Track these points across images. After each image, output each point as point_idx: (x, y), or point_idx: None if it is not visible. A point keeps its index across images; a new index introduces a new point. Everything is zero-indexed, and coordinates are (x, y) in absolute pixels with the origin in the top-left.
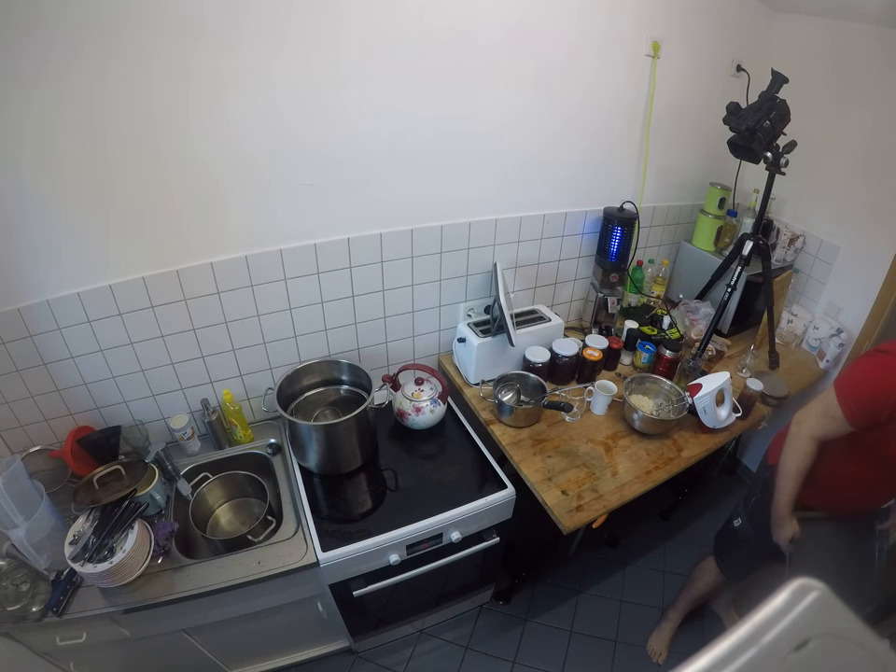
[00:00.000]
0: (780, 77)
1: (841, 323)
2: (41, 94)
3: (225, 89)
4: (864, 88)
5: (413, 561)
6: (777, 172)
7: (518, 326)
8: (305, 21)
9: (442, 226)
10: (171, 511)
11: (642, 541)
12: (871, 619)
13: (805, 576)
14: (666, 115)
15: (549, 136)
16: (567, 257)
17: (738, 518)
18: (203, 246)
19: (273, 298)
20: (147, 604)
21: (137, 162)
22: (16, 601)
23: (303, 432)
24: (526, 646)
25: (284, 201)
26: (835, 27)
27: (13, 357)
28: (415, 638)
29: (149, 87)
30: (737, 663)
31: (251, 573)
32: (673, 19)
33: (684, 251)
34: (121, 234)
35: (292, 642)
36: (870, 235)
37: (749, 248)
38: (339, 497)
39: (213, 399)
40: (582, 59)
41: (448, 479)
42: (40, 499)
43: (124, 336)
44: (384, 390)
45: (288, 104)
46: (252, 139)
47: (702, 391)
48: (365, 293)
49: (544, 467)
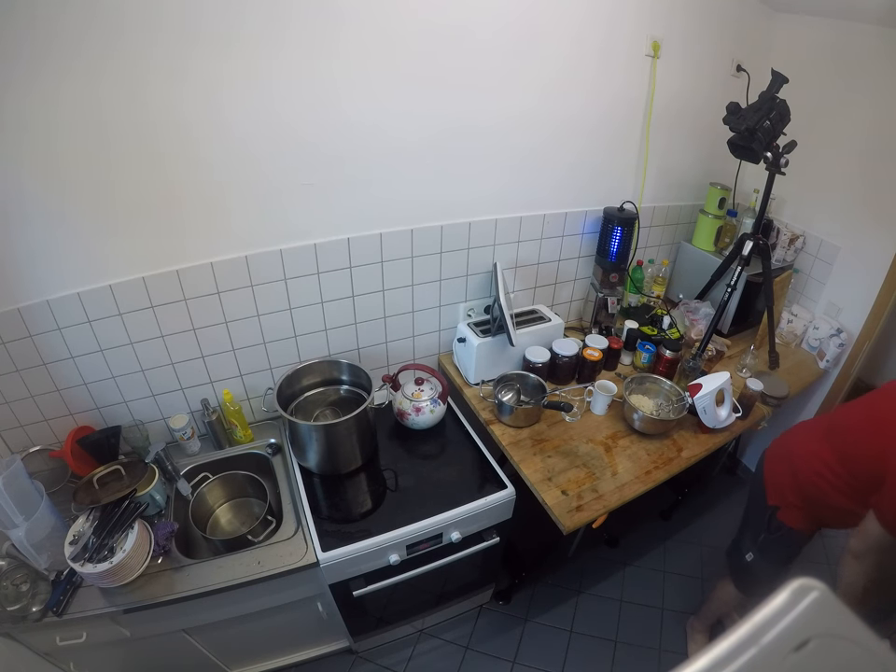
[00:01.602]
0: (780, 77)
1: (841, 323)
2: (41, 94)
3: (224, 87)
4: (864, 88)
5: (413, 561)
6: (777, 172)
7: (518, 326)
8: (303, 21)
9: (442, 226)
10: (171, 511)
11: (642, 541)
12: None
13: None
14: (666, 115)
15: (549, 136)
16: (566, 257)
17: (749, 553)
18: (203, 246)
19: (273, 298)
20: (146, 604)
21: (137, 162)
22: (16, 601)
23: (303, 432)
24: (526, 646)
25: (284, 201)
26: (836, 27)
27: (13, 357)
28: (415, 638)
29: (149, 85)
30: (737, 663)
31: (251, 573)
32: (673, 19)
33: (684, 251)
34: (121, 234)
35: (292, 642)
36: (870, 235)
37: (749, 248)
38: (339, 497)
39: (213, 399)
40: (582, 59)
41: (448, 479)
42: (40, 499)
43: (124, 336)
44: (384, 390)
45: (288, 103)
46: (252, 139)
47: (702, 391)
48: (365, 293)
49: (544, 467)
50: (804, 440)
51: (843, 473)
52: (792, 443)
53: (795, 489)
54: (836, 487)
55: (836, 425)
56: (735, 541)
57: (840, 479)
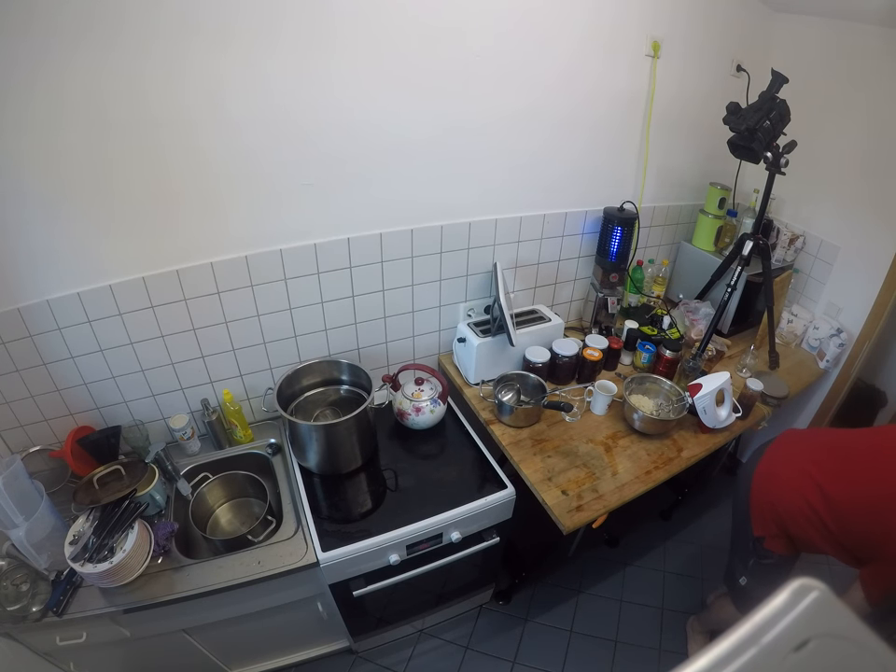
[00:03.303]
0: (780, 77)
1: (841, 323)
2: (41, 94)
3: (226, 85)
4: (864, 88)
5: (413, 561)
6: (777, 172)
7: (518, 326)
8: (299, 21)
9: (442, 226)
10: (171, 511)
11: (642, 541)
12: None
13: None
14: (667, 115)
15: (549, 136)
16: (567, 257)
17: (742, 577)
18: (203, 246)
19: (273, 298)
20: (146, 604)
21: (137, 161)
22: (16, 601)
23: (303, 432)
24: (526, 646)
25: (284, 200)
26: (835, 27)
27: (13, 357)
28: (415, 638)
29: (149, 82)
30: (737, 663)
31: (251, 573)
32: (673, 19)
33: (684, 251)
34: (121, 234)
35: (292, 642)
36: (870, 235)
37: (749, 248)
38: (339, 497)
39: (213, 399)
40: (582, 59)
41: (448, 479)
42: (40, 499)
43: (124, 336)
44: (384, 390)
45: (288, 102)
46: (252, 139)
47: (702, 391)
48: (365, 293)
49: (544, 467)
50: (795, 486)
51: (836, 531)
52: (783, 480)
53: (781, 527)
54: (825, 539)
55: (835, 475)
56: (728, 565)
57: (831, 535)
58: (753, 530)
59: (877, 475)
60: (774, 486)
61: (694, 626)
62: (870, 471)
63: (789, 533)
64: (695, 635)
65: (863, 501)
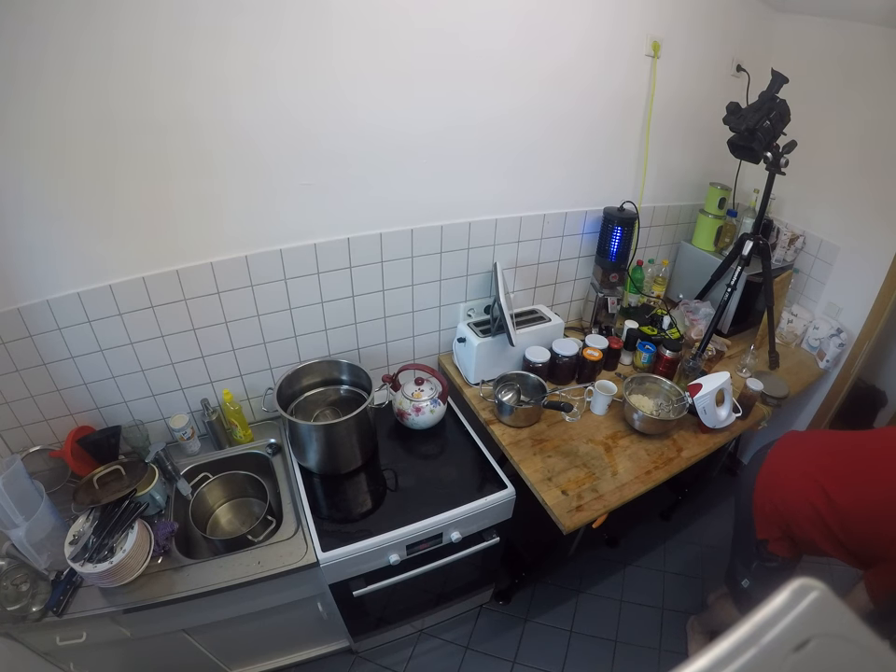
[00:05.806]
0: (780, 77)
1: (841, 323)
2: (40, 93)
3: (227, 84)
4: (864, 88)
5: (413, 561)
6: (777, 172)
7: (518, 326)
8: (298, 21)
9: (442, 226)
10: (171, 511)
11: (642, 541)
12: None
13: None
14: (666, 115)
15: (549, 136)
16: (567, 257)
17: (745, 580)
18: (203, 246)
19: (272, 298)
20: (146, 604)
21: (136, 161)
22: (16, 601)
23: (303, 432)
24: (526, 646)
25: (284, 200)
26: (836, 27)
27: (13, 357)
28: (415, 638)
29: (151, 81)
30: (737, 663)
31: (251, 573)
32: (673, 19)
33: (684, 251)
34: (121, 234)
35: (292, 642)
36: (870, 235)
37: (749, 248)
38: (339, 497)
39: (213, 398)
40: (582, 59)
41: (448, 479)
42: (40, 499)
43: (124, 336)
44: (384, 390)
45: (289, 101)
46: (252, 138)
47: (702, 391)
48: (365, 293)
49: (544, 467)
50: (800, 489)
51: (841, 535)
52: (787, 483)
53: (785, 530)
54: (830, 542)
55: (840, 479)
56: (729, 567)
57: (836, 539)
58: (757, 533)
59: (883, 479)
60: (777, 490)
61: (695, 626)
62: (875, 475)
63: (792, 536)
64: (696, 635)
65: (869, 506)
